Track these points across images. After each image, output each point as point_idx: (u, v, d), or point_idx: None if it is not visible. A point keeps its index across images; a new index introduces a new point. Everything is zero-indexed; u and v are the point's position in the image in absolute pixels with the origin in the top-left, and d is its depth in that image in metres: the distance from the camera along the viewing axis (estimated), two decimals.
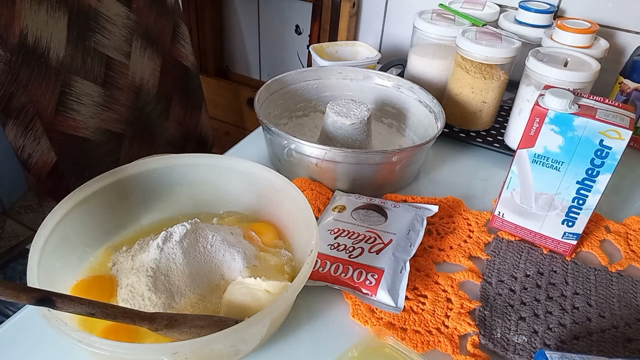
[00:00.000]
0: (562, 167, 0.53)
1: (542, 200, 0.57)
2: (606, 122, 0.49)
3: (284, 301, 0.40)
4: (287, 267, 0.51)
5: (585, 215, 0.55)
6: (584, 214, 0.55)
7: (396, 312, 0.48)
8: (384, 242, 0.54)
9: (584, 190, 0.54)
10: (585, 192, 0.54)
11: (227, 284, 0.47)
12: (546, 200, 0.56)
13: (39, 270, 0.40)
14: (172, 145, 1.01)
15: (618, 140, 0.49)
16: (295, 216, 0.51)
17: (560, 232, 0.57)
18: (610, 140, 0.50)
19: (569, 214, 0.56)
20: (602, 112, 0.50)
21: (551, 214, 0.57)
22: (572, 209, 0.55)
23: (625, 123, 0.49)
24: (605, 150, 0.50)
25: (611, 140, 0.49)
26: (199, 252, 0.48)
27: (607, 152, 0.50)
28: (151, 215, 0.55)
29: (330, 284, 0.50)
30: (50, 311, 0.36)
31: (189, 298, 0.46)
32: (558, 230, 0.57)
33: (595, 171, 0.52)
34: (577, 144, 0.52)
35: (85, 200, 0.48)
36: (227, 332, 0.36)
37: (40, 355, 0.44)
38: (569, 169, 0.53)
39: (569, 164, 0.53)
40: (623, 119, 0.50)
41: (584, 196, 0.54)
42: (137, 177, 0.52)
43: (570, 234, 0.57)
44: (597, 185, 0.53)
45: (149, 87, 0.92)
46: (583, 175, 0.53)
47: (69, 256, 0.47)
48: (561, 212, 0.56)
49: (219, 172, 0.55)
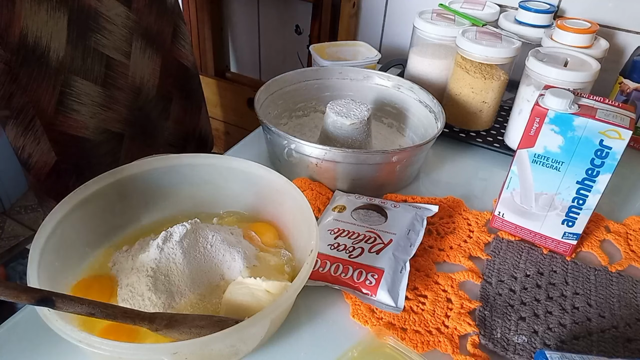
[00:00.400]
0: (562, 167, 0.53)
1: (542, 200, 0.57)
2: (606, 122, 0.49)
3: (284, 301, 0.40)
4: (287, 267, 0.51)
5: (586, 215, 0.55)
6: (584, 214, 0.55)
7: (396, 312, 0.48)
8: (384, 242, 0.54)
9: (584, 190, 0.53)
10: (585, 192, 0.54)
11: (227, 284, 0.47)
12: (546, 200, 0.56)
13: (39, 270, 0.40)
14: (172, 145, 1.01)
15: (618, 140, 0.49)
16: (296, 216, 0.51)
17: (560, 232, 0.57)
18: (611, 140, 0.49)
19: (569, 214, 0.56)
20: (602, 112, 0.50)
21: (551, 214, 0.57)
22: (572, 209, 0.55)
23: (625, 123, 0.49)
24: (606, 150, 0.50)
25: (611, 140, 0.49)
26: (198, 252, 0.48)
27: (607, 152, 0.50)
28: (151, 215, 0.55)
29: (330, 284, 0.50)
30: (50, 311, 0.36)
31: (188, 298, 0.46)
32: (558, 230, 0.57)
33: (595, 171, 0.52)
34: (577, 144, 0.51)
35: (86, 200, 0.48)
36: (227, 332, 0.36)
37: (40, 355, 0.44)
38: (569, 169, 0.53)
39: (569, 164, 0.53)
40: (623, 119, 0.50)
41: (584, 196, 0.54)
42: (138, 177, 0.52)
43: (570, 234, 0.57)
44: (597, 185, 0.53)
45: (149, 87, 0.92)
46: (583, 175, 0.53)
47: (69, 256, 0.47)
48: (561, 212, 0.56)
49: (219, 172, 0.55)
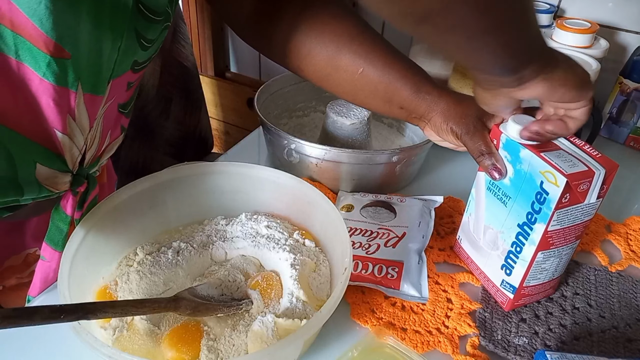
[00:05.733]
0: (508, 203, 0.46)
1: (488, 235, 0.50)
2: (547, 162, 0.41)
3: (318, 322, 0.39)
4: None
5: (521, 267, 0.46)
6: (520, 265, 0.47)
7: (423, 302, 0.50)
8: (398, 236, 0.55)
9: (522, 236, 0.45)
10: (522, 239, 0.45)
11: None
12: (492, 236, 0.49)
13: (69, 279, 0.40)
14: (172, 145, 1.01)
15: (554, 186, 0.41)
16: (327, 229, 0.50)
17: (499, 278, 0.50)
18: (549, 185, 0.41)
19: (507, 259, 0.48)
20: (556, 153, 0.42)
21: (494, 254, 0.50)
22: (510, 254, 0.47)
23: (578, 169, 0.40)
24: (544, 195, 0.42)
25: (549, 184, 0.41)
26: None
27: (544, 198, 0.42)
28: (180, 219, 0.55)
29: (351, 282, 0.50)
30: (80, 324, 0.36)
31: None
32: (498, 276, 0.50)
33: (533, 217, 0.44)
34: (523, 180, 0.44)
35: (117, 207, 0.48)
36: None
37: (40, 355, 0.44)
38: (514, 207, 0.46)
39: (515, 201, 0.45)
40: (576, 165, 0.41)
41: (521, 243, 0.46)
42: (169, 184, 0.52)
43: (507, 284, 0.49)
44: (533, 235, 0.44)
45: (149, 87, 0.92)
46: (523, 219, 0.45)
47: (97, 262, 0.47)
48: (501, 254, 0.49)
49: (250, 182, 0.54)
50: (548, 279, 0.49)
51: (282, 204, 0.55)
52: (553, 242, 0.44)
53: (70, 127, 0.40)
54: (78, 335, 0.35)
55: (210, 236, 0.53)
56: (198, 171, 0.53)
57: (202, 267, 0.51)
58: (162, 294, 0.47)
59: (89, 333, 0.35)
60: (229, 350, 0.42)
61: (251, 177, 0.54)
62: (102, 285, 0.47)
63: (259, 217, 0.54)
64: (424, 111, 0.51)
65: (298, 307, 0.44)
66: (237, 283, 0.48)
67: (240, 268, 0.50)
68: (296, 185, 0.52)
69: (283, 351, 0.39)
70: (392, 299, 0.51)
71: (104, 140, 0.48)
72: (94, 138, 0.45)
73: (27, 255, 0.53)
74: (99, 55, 0.38)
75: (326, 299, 0.43)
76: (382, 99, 0.52)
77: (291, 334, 0.37)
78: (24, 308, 0.33)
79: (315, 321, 0.39)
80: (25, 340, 0.45)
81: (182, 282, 0.48)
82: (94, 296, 0.46)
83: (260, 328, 0.42)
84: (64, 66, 0.35)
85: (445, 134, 0.50)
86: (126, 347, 0.41)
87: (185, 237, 0.53)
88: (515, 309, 0.50)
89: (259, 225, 0.53)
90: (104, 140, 0.48)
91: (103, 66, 0.39)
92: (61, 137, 0.40)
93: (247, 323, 0.44)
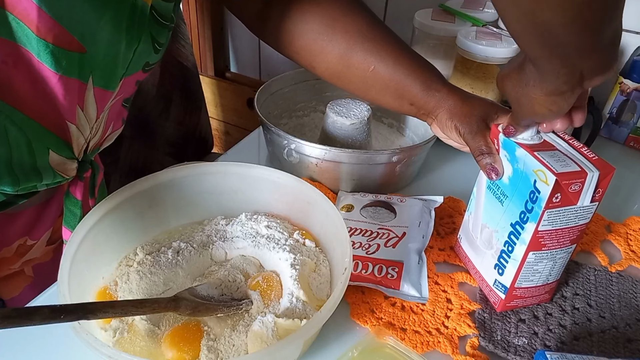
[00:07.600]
0: (505, 202, 0.46)
1: (484, 234, 0.50)
2: (540, 161, 0.41)
3: (318, 322, 0.39)
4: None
5: (513, 267, 0.47)
6: (511, 265, 0.47)
7: (422, 302, 0.50)
8: (398, 236, 0.55)
9: (514, 236, 0.46)
10: (514, 238, 0.46)
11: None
12: (487, 235, 0.50)
13: (69, 279, 0.40)
14: (172, 145, 1.01)
15: (544, 185, 0.41)
16: (327, 229, 0.50)
17: (492, 277, 0.50)
18: (540, 183, 0.41)
19: (500, 259, 0.48)
20: (551, 152, 0.42)
21: (488, 253, 0.50)
22: (502, 254, 0.48)
23: (569, 169, 0.40)
24: (536, 194, 0.42)
25: (541, 183, 0.41)
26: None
27: (537, 197, 0.42)
28: (179, 220, 0.55)
29: (351, 282, 0.50)
30: (80, 324, 0.36)
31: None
32: (491, 275, 0.50)
33: (525, 216, 0.44)
34: (519, 180, 0.44)
35: (117, 207, 0.48)
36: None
37: (40, 355, 0.44)
38: (509, 206, 0.46)
39: (511, 200, 0.46)
40: (569, 165, 0.41)
41: (513, 243, 0.46)
42: (169, 184, 0.52)
43: (499, 283, 0.49)
44: (524, 235, 0.44)
45: (149, 87, 0.92)
46: (516, 219, 0.45)
47: (98, 262, 0.47)
48: (495, 254, 0.49)
49: (250, 182, 0.54)
50: (542, 283, 0.48)
51: (282, 204, 0.55)
52: (545, 243, 0.45)
53: (78, 118, 0.43)
54: (78, 336, 0.35)
55: (210, 236, 0.53)
56: (198, 171, 0.53)
57: (202, 267, 0.51)
58: (162, 294, 0.47)
59: (89, 333, 0.35)
60: (229, 350, 0.42)
61: (251, 177, 0.54)
62: (102, 286, 0.47)
63: (258, 217, 0.54)
64: (432, 108, 0.52)
65: (298, 307, 0.44)
66: (237, 283, 0.48)
67: (240, 268, 0.50)
68: (296, 185, 0.52)
69: (283, 351, 0.39)
70: (392, 299, 0.51)
71: (106, 130, 0.51)
72: (98, 128, 0.48)
73: (19, 247, 0.53)
74: (115, 55, 0.41)
75: (326, 299, 0.43)
76: (393, 96, 0.53)
77: (291, 334, 0.37)
78: (24, 308, 0.33)
79: (315, 321, 0.39)
80: (25, 340, 0.45)
81: (182, 282, 0.48)
82: (94, 296, 0.46)
83: (260, 328, 0.42)
84: (78, 59, 0.38)
85: (450, 131, 0.51)
86: (127, 349, 0.41)
87: (185, 237, 0.53)
88: (514, 310, 0.50)
89: (258, 225, 0.53)
90: (106, 131, 0.51)
91: (118, 65, 0.42)
92: (70, 127, 0.43)
93: (247, 323, 0.44)
